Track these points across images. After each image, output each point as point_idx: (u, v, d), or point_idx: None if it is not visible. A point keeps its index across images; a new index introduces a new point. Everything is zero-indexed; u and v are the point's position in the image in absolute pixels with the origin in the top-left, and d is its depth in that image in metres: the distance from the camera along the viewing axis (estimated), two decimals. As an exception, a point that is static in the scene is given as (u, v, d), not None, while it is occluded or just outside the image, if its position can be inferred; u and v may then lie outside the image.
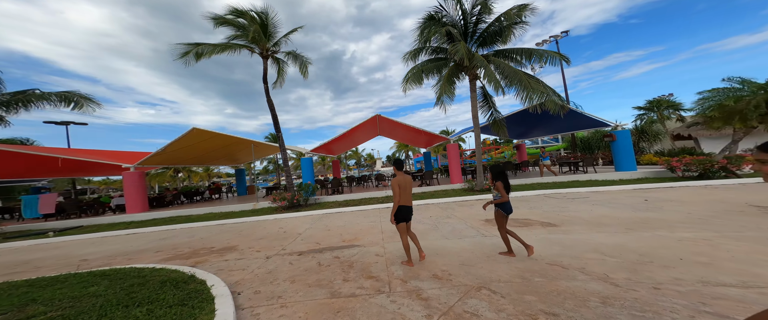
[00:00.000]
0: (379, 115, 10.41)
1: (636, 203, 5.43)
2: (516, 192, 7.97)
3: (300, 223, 6.55)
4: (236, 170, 16.93)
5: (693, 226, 3.63)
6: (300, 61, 9.68)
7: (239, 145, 11.81)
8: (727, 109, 8.07)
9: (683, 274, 2.28)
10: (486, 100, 9.53)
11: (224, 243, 5.05)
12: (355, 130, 11.26)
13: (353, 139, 14.58)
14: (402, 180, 3.05)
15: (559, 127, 13.57)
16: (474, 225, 4.83)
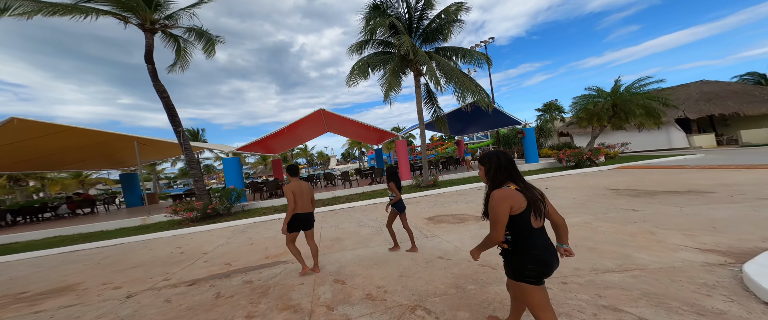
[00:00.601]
0: (322, 110, 9.50)
1: (544, 191, 6.42)
2: (455, 186, 8.53)
3: (212, 239, 5.38)
4: (123, 175, 13.28)
5: (577, 211, 4.35)
6: (206, 40, 7.73)
7: (118, 144, 9.00)
8: (589, 111, 10.53)
9: (579, 262, 2.56)
10: (430, 97, 9.87)
11: (56, 283, 3.64)
12: (296, 126, 10.06)
13: (297, 136, 13.15)
14: (297, 187, 2.77)
15: (487, 124, 15.42)
16: (418, 224, 4.78)
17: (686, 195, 4.52)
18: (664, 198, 4.45)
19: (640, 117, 9.14)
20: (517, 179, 1.29)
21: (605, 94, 10.13)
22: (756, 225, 2.87)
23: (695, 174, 6.37)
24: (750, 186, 4.58)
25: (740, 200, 3.87)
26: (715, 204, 3.82)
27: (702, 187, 4.90)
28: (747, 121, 13.72)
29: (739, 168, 6.34)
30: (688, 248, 2.52)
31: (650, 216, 3.64)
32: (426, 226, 4.58)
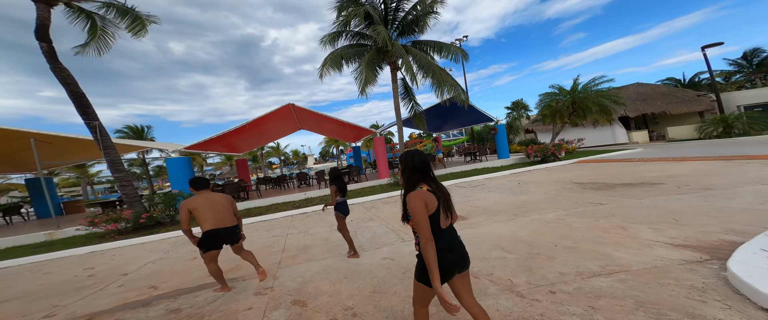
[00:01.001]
0: (292, 104, 8.64)
1: (513, 187, 6.49)
2: (456, 180, 8.39)
3: (142, 254, 4.53)
4: (29, 180, 10.85)
5: (551, 206, 4.36)
6: (132, 18, 6.42)
7: (13, 142, 7.27)
8: (551, 109, 11.19)
9: (563, 265, 2.39)
10: (407, 93, 9.58)
11: None
12: (261, 122, 9.06)
13: (266, 133, 11.98)
14: (201, 202, 2.34)
15: (463, 121, 15.71)
16: (395, 227, 4.43)
17: (641, 187, 4.79)
18: (623, 191, 4.65)
19: (595, 114, 9.86)
20: (429, 180, 1.30)
21: (565, 92, 10.79)
22: (711, 216, 2.99)
23: (641, 166, 6.94)
24: (690, 177, 5.01)
25: (687, 191, 4.15)
26: (668, 195, 4.03)
27: (652, 179, 5.26)
28: (672, 119, 15.82)
29: (675, 161, 7.06)
30: (660, 243, 2.48)
31: (616, 209, 3.70)
32: (405, 228, 4.24)
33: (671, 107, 15.03)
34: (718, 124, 12.70)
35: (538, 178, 7.22)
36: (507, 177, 8.35)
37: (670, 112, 15.07)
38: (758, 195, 3.43)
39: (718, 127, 12.64)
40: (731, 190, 3.82)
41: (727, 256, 2.02)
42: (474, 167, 11.08)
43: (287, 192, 9.63)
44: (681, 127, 14.56)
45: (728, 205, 3.24)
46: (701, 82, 23.35)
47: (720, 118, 12.77)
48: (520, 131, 21.48)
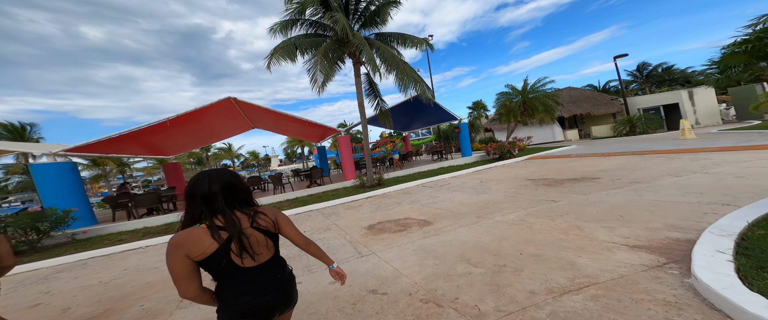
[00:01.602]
0: (234, 99, 7.31)
1: (476, 185, 6.53)
2: (400, 184, 8.04)
3: None
4: None
5: (512, 205, 4.31)
6: None
7: None
8: (506, 107, 12.00)
9: (532, 280, 2.14)
10: (372, 89, 9.01)
11: None
12: (192, 119, 7.51)
13: (205, 132, 10.12)
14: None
15: (430, 119, 15.89)
16: (354, 237, 3.88)
17: (583, 182, 5.13)
18: (570, 187, 4.91)
19: (542, 113, 10.82)
20: (217, 210, 0.98)
21: (517, 92, 11.63)
22: (648, 210, 3.15)
23: (578, 162, 7.70)
24: (619, 171, 5.59)
25: (620, 184, 4.53)
26: (607, 190, 4.32)
27: (590, 174, 5.74)
28: (594, 119, 18.67)
29: (603, 156, 8.04)
30: (616, 245, 2.43)
31: (569, 207, 3.77)
32: (364, 239, 3.71)
33: (594, 109, 17.69)
34: (626, 123, 15.34)
35: (498, 176, 7.45)
36: (470, 175, 8.50)
37: (593, 113, 17.73)
38: (677, 188, 3.83)
39: (626, 126, 15.28)
40: (654, 183, 4.25)
41: (681, 258, 1.98)
42: (440, 165, 11.17)
43: None
44: (601, 126, 17.26)
45: (657, 199, 3.51)
46: (611, 88, 28.45)
47: (627, 119, 15.46)
48: (480, 130, 22.98)
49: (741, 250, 1.69)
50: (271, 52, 6.59)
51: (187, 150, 14.19)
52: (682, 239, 2.30)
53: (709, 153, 6.11)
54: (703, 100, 15.53)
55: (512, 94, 11.78)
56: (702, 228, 2.44)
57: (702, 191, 3.50)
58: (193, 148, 15.12)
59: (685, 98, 15.56)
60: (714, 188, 3.54)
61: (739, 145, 6.15)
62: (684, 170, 4.74)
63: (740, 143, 6.59)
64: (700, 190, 3.56)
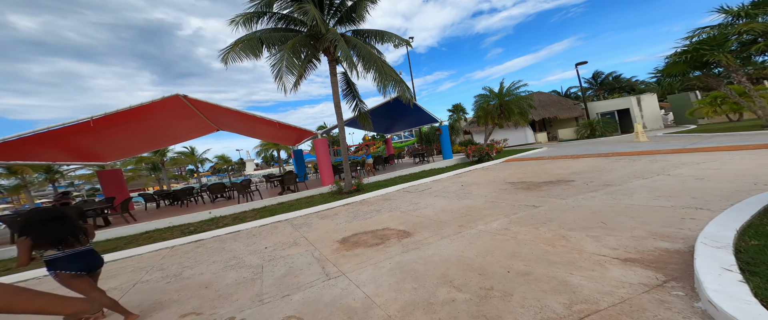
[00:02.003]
0: (184, 96, 6.26)
1: (457, 190, 6.33)
2: (381, 190, 7.63)
3: None
4: None
5: (494, 212, 4.09)
6: None
7: None
8: (484, 111, 12.27)
9: (524, 310, 1.82)
10: (350, 89, 8.51)
11: None
12: (127, 119, 6.41)
13: (154, 134, 8.79)
14: None
15: (411, 122, 15.74)
16: (324, 254, 3.36)
17: (559, 185, 5.15)
18: (548, 190, 4.87)
19: (517, 116, 11.20)
20: None
21: (494, 94, 11.94)
22: (627, 215, 3.08)
23: (552, 164, 7.93)
24: (589, 174, 5.74)
25: (594, 187, 4.57)
26: (584, 193, 4.30)
27: (564, 177, 5.83)
28: (560, 123, 20.06)
29: (572, 158, 8.39)
30: (607, 259, 2.23)
31: (550, 213, 3.64)
32: (335, 256, 3.22)
33: (560, 113, 19.00)
34: (587, 127, 16.65)
35: (478, 179, 7.37)
36: (451, 178, 8.36)
37: (559, 117, 19.03)
38: (647, 191, 3.89)
39: (587, 129, 16.58)
40: (625, 186, 4.33)
41: (680, 274, 1.80)
42: (422, 169, 10.97)
43: (189, 210, 7.11)
44: (566, 129, 18.57)
45: (633, 203, 3.50)
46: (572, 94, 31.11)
47: (588, 123, 16.79)
48: (460, 132, 23.54)
49: (745, 266, 1.52)
50: (229, 45, 5.77)
51: (132, 154, 12.33)
52: (672, 249, 2.16)
53: (664, 155, 6.59)
54: (648, 106, 17.44)
55: (489, 96, 12.08)
56: (686, 236, 2.35)
57: (671, 194, 3.56)
58: (142, 152, 13.19)
59: (634, 104, 17.32)
60: (681, 191, 3.62)
61: (688, 148, 6.73)
62: (647, 172, 4.95)
63: (687, 145, 7.25)
64: (668, 193, 3.62)
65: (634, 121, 17.12)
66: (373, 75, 6.62)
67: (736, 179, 3.73)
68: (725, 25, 8.86)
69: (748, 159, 4.80)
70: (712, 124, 14.04)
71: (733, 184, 3.53)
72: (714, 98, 13.71)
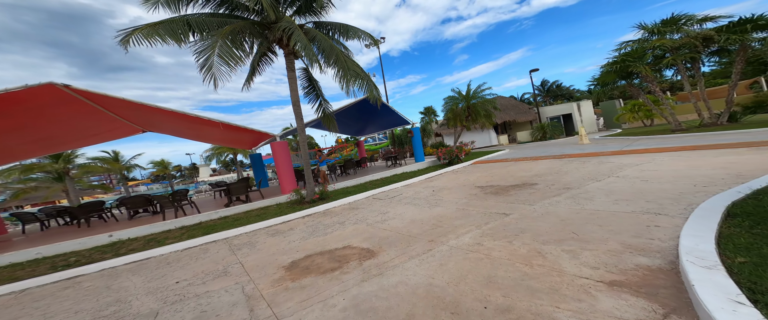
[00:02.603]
0: (66, 85, 4.65)
1: (428, 196, 5.97)
2: (347, 197, 6.91)
3: None
4: None
5: (465, 221, 3.74)
6: None
7: None
8: (453, 113, 12.48)
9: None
10: (312, 87, 7.61)
11: None
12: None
13: (37, 134, 6.69)
14: None
15: (383, 124, 15.27)
16: (259, 288, 2.60)
17: (525, 189, 5.13)
18: (515, 194, 4.78)
19: (483, 118, 11.57)
20: None
21: (462, 96, 12.20)
22: (596, 224, 2.96)
23: (515, 166, 8.19)
24: (549, 176, 5.90)
25: (557, 190, 4.60)
26: (549, 198, 4.25)
27: (528, 179, 5.90)
28: (517, 126, 21.84)
29: (532, 160, 8.83)
30: (592, 283, 1.94)
31: (521, 221, 3.42)
32: (273, 290, 2.50)
33: (518, 117, 20.65)
34: (540, 130, 18.36)
35: (449, 183, 7.17)
36: (423, 182, 8.06)
37: (517, 120, 20.67)
38: (605, 195, 3.96)
39: (540, 132, 18.27)
40: (583, 189, 4.41)
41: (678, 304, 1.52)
42: (394, 172, 10.54)
43: (86, 232, 5.39)
44: (523, 132, 20.24)
45: (596, 208, 3.46)
46: (525, 99, 34.59)
47: (540, 126, 18.53)
48: (431, 134, 23.99)
49: (752, 295, 1.28)
50: (138, 26, 4.43)
51: (13, 160, 9.34)
52: (654, 268, 1.95)
53: (607, 156, 7.23)
54: (586, 112, 20.01)
55: (458, 98, 12.30)
56: (660, 248, 2.22)
57: (627, 198, 3.63)
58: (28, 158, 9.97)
59: (575, 109, 19.70)
60: (634, 194, 3.73)
61: (625, 150, 7.52)
62: (599, 174, 5.22)
63: (623, 147, 8.14)
64: (624, 196, 3.70)
65: (575, 125, 19.46)
66: (335, 71, 5.89)
67: (675, 180, 4.01)
68: (644, 40, 10.39)
69: (677, 160, 5.35)
70: (633, 128, 16.66)
71: (675, 186, 3.75)
72: (633, 105, 16.29)
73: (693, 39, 8.99)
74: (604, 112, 21.36)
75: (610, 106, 20.66)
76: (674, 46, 9.30)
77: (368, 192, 7.32)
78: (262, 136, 8.93)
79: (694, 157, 5.25)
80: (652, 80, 10.48)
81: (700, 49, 9.26)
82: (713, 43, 9.08)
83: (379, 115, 13.79)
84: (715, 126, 9.60)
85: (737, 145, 5.61)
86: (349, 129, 17.22)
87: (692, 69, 9.91)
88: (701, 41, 9.00)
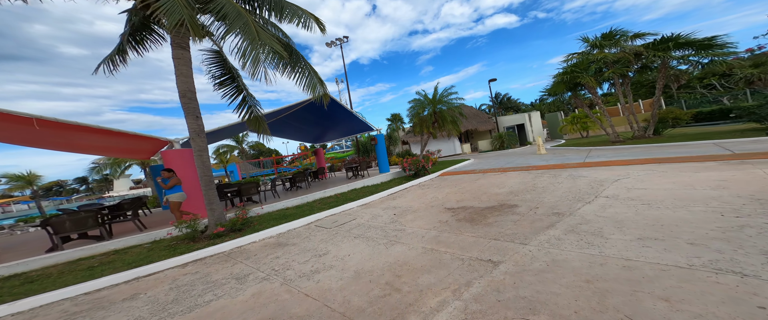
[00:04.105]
0: None
1: (387, 223, 4.45)
2: (283, 224, 4.93)
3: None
4: None
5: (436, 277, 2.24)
6: None
7: None
8: (419, 119, 11.54)
9: None
10: (231, 77, 5.45)
11: None
12: None
13: None
14: None
15: (344, 130, 13.49)
16: None
17: (504, 212, 4.03)
18: (496, 224, 3.61)
19: (450, 124, 10.84)
20: None
21: (429, 100, 11.33)
22: (650, 293, 1.76)
23: (485, 179, 7.35)
24: (526, 194, 5.01)
25: (545, 216, 3.58)
26: (543, 231, 3.18)
27: (504, 199, 4.91)
28: (479, 135, 22.57)
29: (501, 172, 8.19)
30: None
31: (520, 282, 2.15)
32: None
33: (479, 126, 21.27)
34: (498, 139, 19.05)
35: (414, 203, 5.81)
36: (384, 201, 6.55)
37: (479, 129, 21.28)
38: (615, 227, 3.01)
39: (498, 141, 18.95)
40: (580, 216, 3.46)
41: None
42: (353, 186, 8.83)
43: None
44: (483, 141, 20.87)
45: (623, 255, 2.41)
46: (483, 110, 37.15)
47: (499, 135, 19.27)
48: (398, 142, 23.07)
49: None
50: None
51: None
52: None
53: (575, 169, 6.87)
54: (535, 122, 21.74)
55: (424, 101, 11.42)
56: None
57: (652, 235, 2.69)
58: None
59: (527, 120, 21.21)
60: (654, 227, 2.83)
61: (588, 162, 7.29)
62: (582, 193, 4.45)
63: (584, 159, 8.02)
64: (644, 231, 2.75)
65: (528, 135, 20.87)
66: (237, 42, 3.95)
67: (685, 205, 3.24)
68: (586, 53, 11.14)
69: (658, 177, 4.59)
70: (574, 139, 18.47)
71: (693, 214, 2.92)
72: (573, 118, 18.10)
73: (627, 54, 9.81)
74: (549, 124, 23.67)
75: (554, 118, 22.96)
76: (613, 59, 10.04)
77: (313, 217, 5.46)
78: (159, 143, 6.27)
79: (671, 172, 4.84)
80: (595, 92, 11.25)
81: (632, 63, 10.17)
82: (640, 59, 10.08)
83: (340, 120, 12.09)
84: (644, 138, 10.59)
85: (693, 159, 5.48)
86: (305, 135, 14.94)
87: (623, 84, 10.92)
88: (633, 56, 9.89)
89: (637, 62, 10.30)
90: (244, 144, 23.52)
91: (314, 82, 5.35)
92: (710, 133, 9.41)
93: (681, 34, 8.76)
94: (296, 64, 5.13)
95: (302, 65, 5.27)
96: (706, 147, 7.08)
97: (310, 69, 5.38)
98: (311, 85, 5.27)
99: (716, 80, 16.88)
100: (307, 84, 5.25)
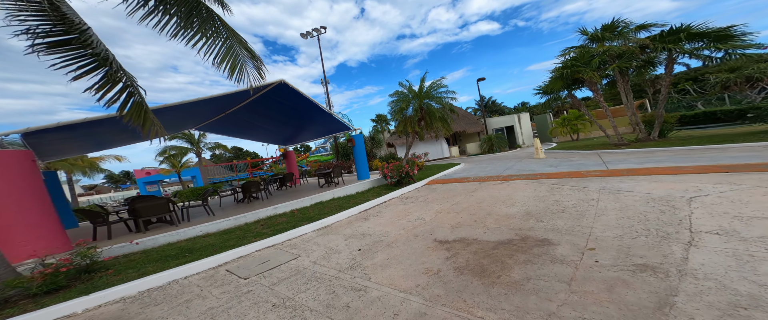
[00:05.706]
0: None
1: (342, 273, 2.66)
2: (178, 267, 3.00)
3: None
4: None
5: None
6: None
7: None
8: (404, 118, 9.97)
9: None
10: (63, 28, 3.33)
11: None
12: None
13: None
14: None
15: (321, 130, 11.58)
16: None
17: (534, 257, 2.42)
18: (529, 286, 1.97)
19: (439, 122, 9.37)
20: None
21: (415, 93, 9.75)
22: None
23: (483, 191, 5.81)
24: (554, 218, 3.45)
25: (613, 267, 1.99)
26: (634, 310, 1.48)
27: (523, 224, 3.33)
28: (467, 137, 21.50)
29: (502, 181, 6.69)
30: None
31: None
32: None
33: (468, 127, 20.17)
34: (487, 142, 18.00)
35: (393, 228, 4.06)
36: (352, 223, 4.75)
37: (467, 131, 20.18)
38: None
39: (487, 144, 17.89)
40: (700, 276, 1.90)
41: None
42: (320, 198, 6.96)
43: None
44: (472, 144, 19.78)
45: None
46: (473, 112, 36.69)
47: (488, 138, 18.23)
48: (382, 144, 21.38)
49: None
50: None
51: None
52: None
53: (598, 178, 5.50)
54: (525, 124, 21.05)
55: (409, 95, 9.83)
56: None
57: None
58: None
59: (517, 121, 20.43)
60: None
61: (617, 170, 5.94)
62: (650, 220, 2.92)
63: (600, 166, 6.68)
64: None
65: (517, 137, 20.07)
66: None
67: None
68: (585, 46, 10.16)
69: (754, 191, 3.10)
70: (565, 142, 17.83)
71: None
72: (563, 120, 17.47)
73: (633, 46, 8.88)
74: (539, 126, 23.17)
75: (543, 120, 22.45)
76: (618, 53, 9.07)
77: (231, 252, 3.60)
78: None
79: (745, 187, 3.26)
80: (597, 89, 10.26)
81: (637, 55, 9.26)
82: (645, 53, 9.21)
83: (314, 119, 10.23)
84: (650, 141, 9.71)
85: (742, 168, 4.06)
86: (274, 136, 12.80)
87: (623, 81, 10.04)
88: (639, 50, 8.99)
89: (642, 55, 9.39)
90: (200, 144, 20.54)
91: (240, 57, 3.46)
92: (724, 136, 8.55)
93: (692, 25, 7.90)
94: (202, 22, 3.21)
95: (216, 27, 3.36)
96: (756, 150, 5.60)
97: (233, 34, 3.48)
98: (231, 62, 3.37)
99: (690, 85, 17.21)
100: (224, 59, 3.35)
